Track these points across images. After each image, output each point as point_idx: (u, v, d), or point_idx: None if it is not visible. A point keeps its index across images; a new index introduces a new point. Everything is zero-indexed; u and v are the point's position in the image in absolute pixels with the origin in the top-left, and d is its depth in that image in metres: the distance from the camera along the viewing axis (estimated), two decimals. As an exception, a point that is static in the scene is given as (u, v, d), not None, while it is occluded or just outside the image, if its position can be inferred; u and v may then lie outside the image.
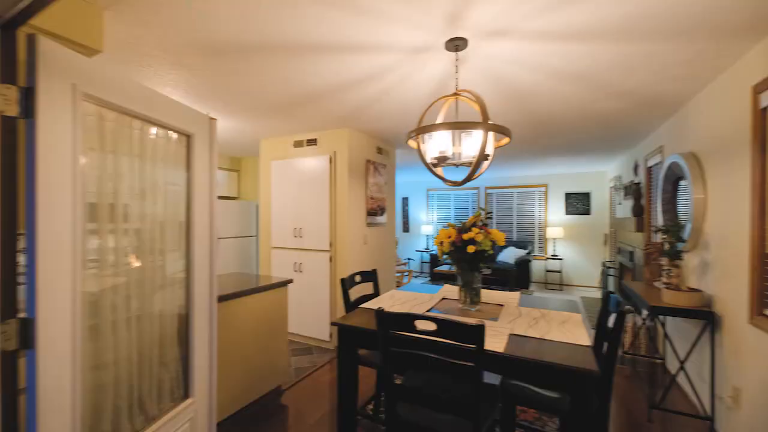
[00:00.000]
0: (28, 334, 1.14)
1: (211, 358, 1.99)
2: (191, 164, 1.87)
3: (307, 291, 3.67)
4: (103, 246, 1.44)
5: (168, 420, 1.70)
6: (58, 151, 1.19)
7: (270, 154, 4.08)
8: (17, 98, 1.13)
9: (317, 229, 3.63)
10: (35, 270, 1.13)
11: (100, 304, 1.42)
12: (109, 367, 1.46)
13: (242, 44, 1.93)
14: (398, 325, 1.20)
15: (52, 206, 1.17)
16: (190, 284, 1.87)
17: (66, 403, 1.22)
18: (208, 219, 1.98)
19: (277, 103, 2.87)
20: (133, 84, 1.52)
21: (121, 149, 1.51)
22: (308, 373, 3.03)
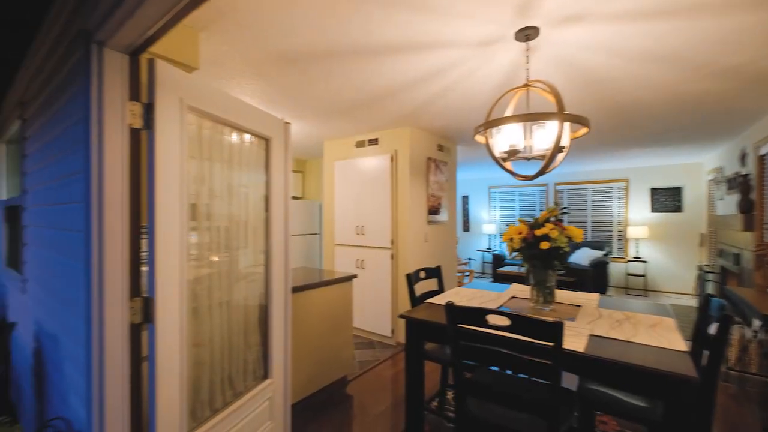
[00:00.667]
0: (148, 311, 1.37)
1: (286, 344, 2.17)
2: (269, 166, 2.06)
3: (368, 287, 3.79)
4: (198, 240, 1.66)
5: (252, 396, 1.90)
6: (169, 157, 1.40)
7: (333, 155, 4.29)
8: (141, 113, 1.36)
9: (379, 227, 3.73)
10: (154, 257, 1.35)
11: (197, 290, 1.63)
12: (205, 346, 1.68)
13: (312, 52, 2.08)
14: (469, 320, 1.20)
15: (165, 205, 1.39)
16: (268, 276, 2.06)
17: (176, 370, 1.43)
18: (284, 217, 2.16)
19: (342, 105, 3.02)
20: (225, 96, 1.72)
21: (214, 155, 1.72)
22: (371, 367, 3.14)
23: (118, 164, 1.32)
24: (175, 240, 1.42)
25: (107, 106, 1.28)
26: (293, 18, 1.73)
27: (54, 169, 1.72)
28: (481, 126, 1.62)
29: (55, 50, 1.71)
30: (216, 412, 1.69)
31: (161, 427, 1.37)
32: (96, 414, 1.29)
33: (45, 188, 1.92)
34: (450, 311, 1.23)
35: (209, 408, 1.68)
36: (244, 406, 1.84)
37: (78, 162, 1.39)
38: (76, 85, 1.40)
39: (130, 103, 1.34)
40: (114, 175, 1.31)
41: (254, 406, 1.92)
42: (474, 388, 1.24)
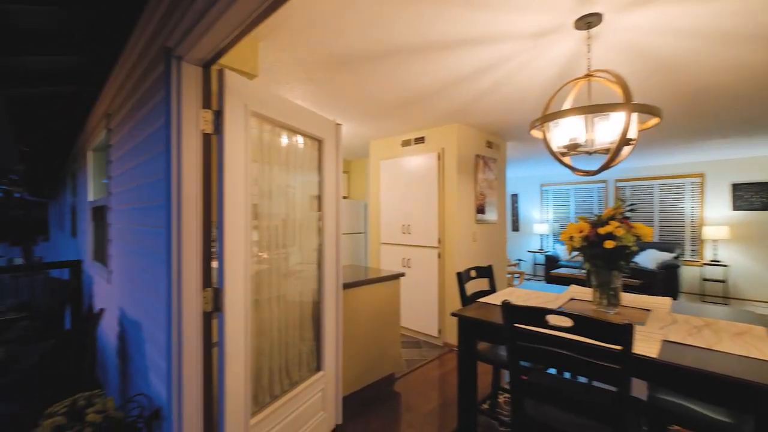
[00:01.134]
0: (218, 301, 1.51)
1: (337, 338, 2.27)
2: (322, 166, 2.17)
3: (415, 286, 3.81)
4: (258, 238, 1.79)
5: (306, 387, 2.01)
6: (236, 160, 1.53)
7: (379, 155, 4.37)
8: (212, 119, 1.50)
9: (425, 226, 3.74)
10: (223, 252, 1.49)
11: (257, 284, 1.76)
12: (265, 336, 1.81)
13: (360, 54, 2.14)
14: (527, 319, 1.18)
15: (232, 204, 1.52)
16: (321, 272, 2.17)
17: (241, 355, 1.56)
18: (335, 215, 2.25)
19: (389, 104, 3.07)
20: (283, 100, 1.84)
21: (272, 157, 1.85)
22: (418, 366, 3.16)
23: (193, 167, 1.47)
24: (240, 236, 1.55)
25: (184, 114, 1.43)
26: (343, 22, 1.80)
27: (137, 172, 1.94)
28: (538, 120, 1.58)
29: (137, 66, 1.93)
30: (275, 399, 1.82)
31: (229, 407, 1.50)
32: (175, 391, 1.44)
33: (128, 190, 2.18)
34: (507, 310, 1.21)
35: (269, 394, 1.81)
36: (299, 395, 1.95)
37: (159, 165, 1.57)
38: (158, 97, 1.58)
39: (203, 110, 1.48)
40: (190, 176, 1.46)
41: (308, 396, 2.03)
42: (535, 390, 1.21)
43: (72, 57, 2.23)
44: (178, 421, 1.44)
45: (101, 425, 1.53)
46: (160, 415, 1.61)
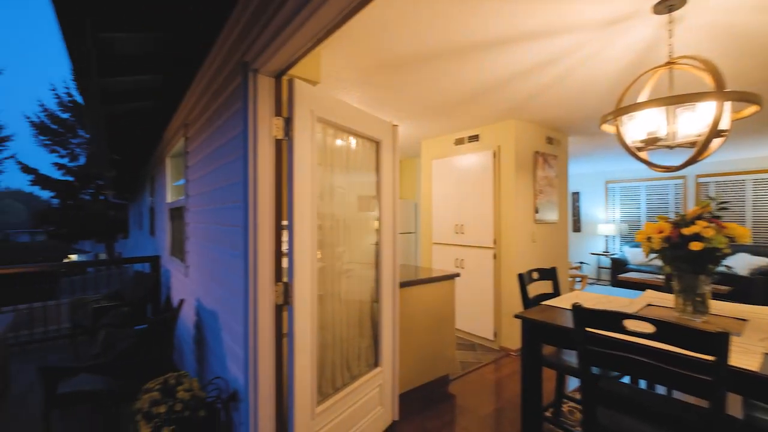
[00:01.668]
0: (287, 294, 1.63)
1: (394, 335, 2.33)
2: (379, 167, 2.24)
3: (469, 287, 3.76)
4: (321, 236, 1.90)
5: (365, 381, 2.10)
6: (303, 163, 1.65)
7: (430, 154, 4.37)
8: (282, 126, 1.63)
9: (480, 226, 3.68)
10: (293, 248, 1.61)
11: (320, 281, 1.86)
12: (328, 330, 1.92)
13: (417, 56, 2.17)
14: (602, 324, 1.14)
15: (300, 205, 1.63)
16: (378, 271, 2.24)
17: (308, 346, 1.67)
18: (392, 215, 2.32)
19: (442, 103, 3.07)
20: (343, 104, 1.94)
21: (334, 159, 1.95)
22: (473, 369, 3.12)
23: (266, 171, 1.61)
24: (306, 235, 1.66)
25: (260, 122, 1.57)
26: (402, 26, 1.85)
27: (214, 176, 2.15)
28: (611, 114, 1.49)
29: (213, 80, 2.14)
30: (337, 391, 1.92)
31: (298, 394, 1.62)
32: (251, 377, 1.59)
33: (206, 192, 2.42)
34: (579, 313, 1.17)
35: (332, 386, 1.92)
36: (358, 388, 2.04)
37: (236, 170, 1.74)
38: (235, 107, 1.75)
39: (274, 118, 1.62)
40: (264, 179, 1.60)
41: (367, 390, 2.12)
42: (612, 399, 1.17)
43: (157, 76, 2.53)
44: (254, 404, 1.59)
45: (189, 402, 1.73)
46: (237, 397, 1.78)
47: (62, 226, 18.17)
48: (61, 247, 18.19)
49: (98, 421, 2.45)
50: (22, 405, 2.70)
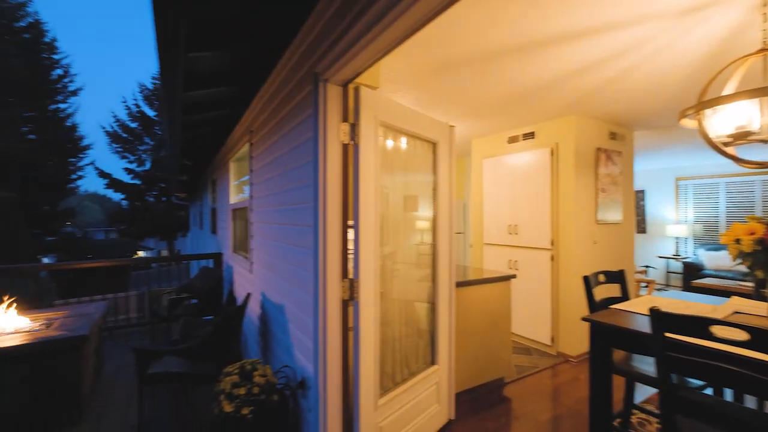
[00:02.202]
0: (353, 290, 1.75)
1: (450, 334, 2.38)
2: (436, 168, 2.30)
3: (523, 289, 3.69)
4: (381, 236, 2.00)
5: (423, 378, 2.17)
6: (367, 166, 1.76)
7: (481, 153, 4.34)
8: (348, 131, 1.75)
9: (536, 227, 3.60)
10: (358, 247, 1.72)
11: (381, 278, 1.96)
12: (387, 326, 2.01)
13: (474, 56, 2.20)
14: (685, 329, 1.11)
15: (365, 205, 1.74)
16: (435, 270, 2.30)
17: (371, 340, 1.78)
18: (448, 215, 2.37)
19: (496, 102, 3.05)
20: (403, 108, 2.03)
21: (393, 161, 2.04)
22: (530, 373, 3.07)
23: (335, 174, 1.74)
24: (370, 234, 1.77)
25: (329, 128, 1.71)
26: (461, 27, 1.89)
27: (282, 179, 2.34)
28: (693, 108, 1.43)
29: (280, 89, 2.32)
30: (396, 385, 2.01)
31: (363, 385, 1.73)
32: (321, 367, 1.73)
33: (272, 194, 2.62)
34: (658, 318, 1.15)
35: (391, 381, 2.01)
36: (416, 385, 2.12)
37: (305, 173, 1.89)
38: (304, 114, 1.90)
39: (342, 123, 1.74)
40: (333, 182, 1.73)
41: (424, 387, 2.19)
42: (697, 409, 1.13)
43: (228, 88, 2.78)
44: (323, 392, 1.72)
45: (264, 386, 1.91)
46: (305, 385, 1.93)
47: (131, 226, 20.30)
48: (130, 245, 20.24)
49: (179, 399, 2.76)
50: (115, 381, 3.10)
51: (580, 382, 2.94)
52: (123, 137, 19.84)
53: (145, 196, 20.09)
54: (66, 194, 16.67)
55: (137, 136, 20.06)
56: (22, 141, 13.57)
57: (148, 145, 20.20)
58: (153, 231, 20.66)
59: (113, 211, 22.62)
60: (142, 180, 19.82)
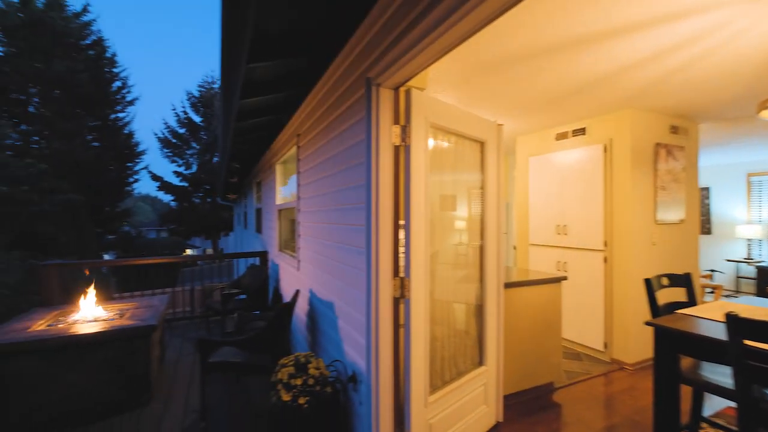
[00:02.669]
0: (404, 288, 1.81)
1: (498, 335, 2.37)
2: (484, 167, 2.31)
3: (573, 292, 3.57)
4: (433, 235, 2.04)
5: (471, 378, 2.19)
6: (418, 167, 1.81)
7: (527, 151, 4.24)
8: (399, 133, 1.81)
9: (587, 227, 3.47)
10: (409, 246, 1.78)
11: (433, 275, 2.01)
12: (436, 325, 2.05)
13: (522, 53, 2.18)
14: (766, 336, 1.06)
15: (416, 205, 1.80)
16: (483, 269, 2.31)
17: (421, 337, 1.83)
18: (496, 215, 2.37)
19: (544, 98, 2.99)
20: (451, 108, 2.06)
21: (440, 160, 2.08)
22: (581, 379, 2.98)
23: (387, 175, 1.81)
24: (420, 233, 1.82)
25: (381, 131, 1.78)
26: (513, 25, 1.89)
27: (332, 180, 2.45)
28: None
29: (329, 94, 2.44)
30: (445, 384, 2.05)
31: (414, 381, 1.79)
32: (373, 363, 1.80)
33: (321, 195, 2.74)
34: (736, 324, 1.11)
35: (440, 379, 2.05)
36: (464, 385, 2.14)
37: (357, 174, 1.98)
38: (356, 117, 1.98)
39: (393, 126, 1.81)
40: (385, 183, 1.80)
41: (472, 387, 2.21)
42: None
43: (277, 95, 2.95)
44: (375, 387, 1.80)
45: (318, 378, 2.03)
46: (356, 378, 2.02)
47: (179, 225, 21.84)
48: (179, 243, 21.72)
49: (233, 387, 2.97)
50: (176, 368, 3.39)
51: (638, 391, 2.81)
52: (172, 142, 21.39)
53: (191, 197, 21.54)
54: (124, 196, 18.19)
55: (185, 141, 21.56)
56: (88, 148, 14.99)
57: (194, 149, 21.64)
58: (199, 230, 22.11)
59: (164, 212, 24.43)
60: (189, 182, 21.26)
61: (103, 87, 15.91)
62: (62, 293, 4.03)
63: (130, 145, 17.58)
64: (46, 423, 2.42)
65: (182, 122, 21.52)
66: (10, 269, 6.97)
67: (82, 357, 2.52)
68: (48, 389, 2.42)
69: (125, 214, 18.90)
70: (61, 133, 13.83)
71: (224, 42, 1.93)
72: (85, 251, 12.71)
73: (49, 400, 2.42)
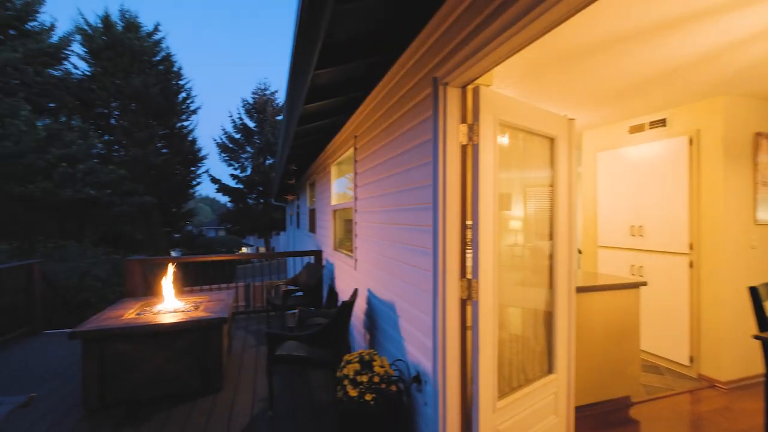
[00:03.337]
0: (471, 289, 1.79)
1: (569, 342, 2.26)
2: (554, 165, 2.21)
3: (651, 299, 3.29)
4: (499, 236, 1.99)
5: (540, 386, 2.11)
6: (486, 166, 1.78)
7: (595, 146, 3.99)
8: (467, 132, 1.80)
9: (668, 228, 3.18)
10: (477, 247, 1.76)
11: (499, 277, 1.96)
12: (503, 328, 2.00)
13: (596, 42, 2.06)
14: None
15: (484, 205, 1.77)
16: (553, 272, 2.21)
17: (489, 340, 1.80)
18: (568, 215, 2.26)
19: (617, 89, 2.79)
20: (519, 103, 2.00)
21: (510, 158, 2.03)
22: (663, 396, 2.75)
23: (454, 175, 1.80)
24: (488, 234, 1.79)
25: (448, 130, 1.78)
26: (588, 15, 1.79)
27: (393, 180, 2.48)
28: None
29: (392, 95, 2.47)
30: (513, 390, 1.99)
31: (482, 384, 1.76)
32: (440, 363, 1.81)
33: (380, 195, 2.80)
34: None
35: (508, 385, 2.00)
36: (533, 392, 2.07)
37: (422, 174, 1.99)
38: (421, 117, 2.00)
39: (461, 125, 1.80)
40: (452, 183, 1.80)
41: (541, 396, 2.12)
42: None
43: (337, 99, 3.04)
44: (442, 389, 1.80)
45: (383, 376, 2.07)
46: (420, 379, 2.04)
47: (235, 224, 23.41)
48: (235, 241, 23.26)
49: (293, 379, 3.11)
50: (241, 359, 3.63)
51: (735, 412, 2.53)
52: (229, 147, 22.99)
53: (246, 198, 23.00)
54: (187, 198, 19.84)
55: (240, 145, 23.08)
56: (159, 155, 16.57)
57: (248, 153, 23.08)
58: (252, 229, 23.56)
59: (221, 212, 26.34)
60: (244, 184, 22.72)
61: (171, 98, 17.52)
62: (144, 285, 4.51)
63: (193, 151, 19.16)
64: (135, 402, 2.72)
65: (238, 128, 23.07)
66: (98, 264, 7.91)
67: (166, 344, 2.79)
68: (137, 371, 2.72)
69: (189, 214, 20.63)
70: (136, 142, 15.45)
71: (295, 51, 2.04)
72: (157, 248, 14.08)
73: (138, 381, 2.72)
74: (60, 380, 3.18)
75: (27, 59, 11.64)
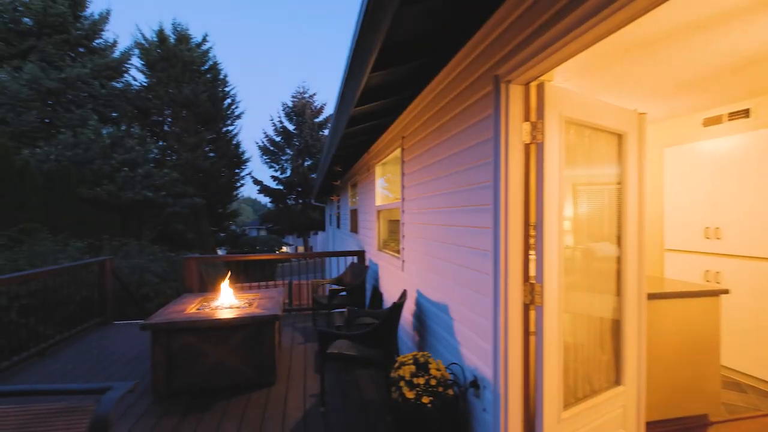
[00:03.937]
0: (534, 294, 1.74)
1: (639, 353, 2.12)
2: (622, 163, 2.09)
3: (732, 308, 3.01)
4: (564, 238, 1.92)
5: (607, 398, 2.00)
6: (552, 165, 1.71)
7: (661, 141, 3.72)
8: (530, 130, 1.75)
9: (751, 230, 2.89)
10: (542, 250, 1.70)
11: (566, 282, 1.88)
12: (568, 335, 1.92)
13: (670, 29, 1.92)
14: None
15: (549, 206, 1.71)
16: (620, 278, 2.09)
17: (554, 346, 1.73)
18: (637, 216, 2.12)
19: (692, 78, 2.58)
20: (586, 99, 1.91)
21: (576, 157, 1.94)
22: (749, 416, 2.50)
23: (516, 174, 1.76)
24: (554, 237, 1.72)
25: (510, 128, 1.74)
26: None
27: (447, 180, 2.46)
28: None
29: (445, 94, 2.45)
30: (578, 401, 1.91)
31: (546, 393, 1.70)
32: (501, 369, 1.76)
33: (431, 195, 2.79)
34: None
35: (573, 395, 1.92)
36: (600, 405, 1.97)
37: (482, 174, 1.96)
38: (481, 115, 1.96)
39: (524, 123, 1.75)
40: (514, 183, 1.75)
41: (609, 408, 2.02)
42: None
43: (385, 100, 3.07)
44: (504, 396, 1.76)
45: (439, 379, 2.06)
46: (477, 384, 2.00)
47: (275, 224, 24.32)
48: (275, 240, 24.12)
49: (341, 377, 3.17)
50: (291, 355, 3.75)
51: (837, 439, 2.26)
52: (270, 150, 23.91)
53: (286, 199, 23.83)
54: (232, 199, 20.87)
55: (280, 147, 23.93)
56: (207, 158, 17.58)
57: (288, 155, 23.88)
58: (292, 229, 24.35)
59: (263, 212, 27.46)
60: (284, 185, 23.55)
61: (218, 105, 18.53)
62: (199, 281, 4.80)
63: (237, 154, 20.13)
64: (198, 392, 2.90)
65: (278, 131, 23.94)
66: (155, 260, 8.52)
67: (224, 338, 2.96)
68: (199, 362, 2.90)
69: (233, 214, 21.69)
70: (187, 147, 16.51)
71: (354, 53, 2.09)
72: (205, 246, 14.95)
73: (200, 371, 2.90)
74: (131, 367, 3.48)
75: (94, 73, 12.83)
